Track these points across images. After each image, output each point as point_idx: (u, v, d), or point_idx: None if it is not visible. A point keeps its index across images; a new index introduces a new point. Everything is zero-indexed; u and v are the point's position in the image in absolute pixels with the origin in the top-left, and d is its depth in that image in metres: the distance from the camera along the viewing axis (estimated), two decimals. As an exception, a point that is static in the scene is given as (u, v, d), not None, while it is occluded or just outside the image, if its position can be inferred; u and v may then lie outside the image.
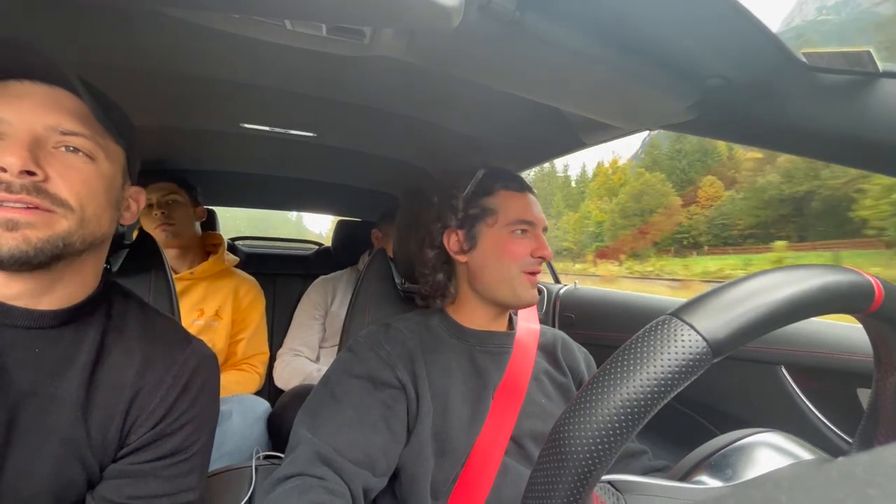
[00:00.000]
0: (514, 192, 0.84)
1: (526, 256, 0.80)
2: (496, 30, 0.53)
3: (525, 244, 0.81)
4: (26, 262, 0.47)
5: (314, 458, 0.61)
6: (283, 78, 0.88)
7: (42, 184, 0.48)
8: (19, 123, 0.48)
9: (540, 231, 0.83)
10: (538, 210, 0.85)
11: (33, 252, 0.47)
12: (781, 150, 0.70)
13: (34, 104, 0.49)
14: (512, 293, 0.80)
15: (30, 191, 0.47)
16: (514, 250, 0.80)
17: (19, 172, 0.46)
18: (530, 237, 0.82)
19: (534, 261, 0.81)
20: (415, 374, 0.74)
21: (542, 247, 0.81)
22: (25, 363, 0.51)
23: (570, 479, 0.27)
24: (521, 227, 0.81)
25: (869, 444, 0.40)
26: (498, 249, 0.81)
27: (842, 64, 0.54)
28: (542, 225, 0.84)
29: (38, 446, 0.51)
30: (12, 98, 0.49)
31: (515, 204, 0.83)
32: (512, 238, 0.81)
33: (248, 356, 1.49)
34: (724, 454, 0.38)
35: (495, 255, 0.82)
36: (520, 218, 0.82)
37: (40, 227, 0.47)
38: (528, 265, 0.80)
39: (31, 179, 0.47)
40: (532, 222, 0.82)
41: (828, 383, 0.90)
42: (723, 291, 0.30)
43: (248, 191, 1.92)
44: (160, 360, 0.59)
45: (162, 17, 0.57)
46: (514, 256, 0.80)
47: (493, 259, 0.82)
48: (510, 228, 0.81)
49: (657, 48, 0.59)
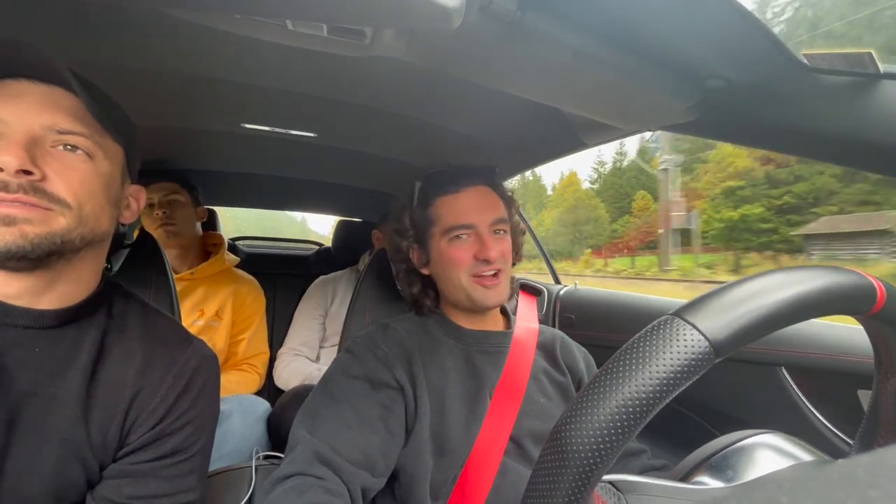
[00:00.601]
0: (449, 197, 0.81)
1: (469, 261, 0.77)
2: (497, 30, 0.53)
3: (465, 249, 0.78)
4: (23, 256, 0.47)
5: (313, 458, 0.61)
6: (283, 78, 0.88)
7: (39, 183, 0.48)
8: (16, 123, 0.48)
9: (483, 230, 0.78)
10: (479, 207, 0.80)
11: (30, 247, 0.47)
12: (782, 152, 0.70)
13: (31, 103, 0.49)
14: (468, 299, 0.79)
15: (27, 190, 0.47)
16: (455, 258, 0.78)
17: (16, 172, 0.46)
18: (471, 240, 0.78)
19: (478, 263, 0.77)
20: (413, 374, 0.74)
21: (483, 248, 0.76)
22: (26, 363, 0.51)
23: (571, 479, 0.27)
24: (456, 232, 0.79)
25: (869, 446, 0.40)
26: (442, 260, 0.81)
27: (843, 65, 0.54)
28: (485, 223, 0.79)
29: (38, 446, 0.51)
30: (9, 97, 0.49)
31: (448, 210, 0.81)
32: (451, 246, 0.79)
33: (249, 356, 1.49)
34: (724, 455, 0.38)
35: (442, 266, 0.81)
36: (452, 224, 0.79)
37: (37, 224, 0.47)
38: (474, 269, 0.77)
39: (28, 178, 0.47)
40: (467, 225, 0.78)
41: (828, 385, 0.90)
42: (725, 291, 0.30)
43: (248, 191, 1.92)
44: (161, 360, 0.59)
45: (163, 17, 0.57)
46: (457, 264, 0.78)
47: (441, 270, 0.81)
48: (448, 237, 0.79)
49: (658, 49, 0.59)
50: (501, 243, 0.80)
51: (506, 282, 0.80)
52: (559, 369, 0.84)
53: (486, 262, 0.77)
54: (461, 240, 0.79)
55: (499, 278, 0.78)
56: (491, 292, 0.78)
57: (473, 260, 0.77)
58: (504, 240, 0.81)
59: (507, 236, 0.82)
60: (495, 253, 0.77)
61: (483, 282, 0.77)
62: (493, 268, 0.78)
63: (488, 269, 0.77)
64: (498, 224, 0.80)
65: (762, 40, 0.54)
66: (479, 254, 0.77)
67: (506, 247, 0.80)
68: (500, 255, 0.78)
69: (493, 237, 0.79)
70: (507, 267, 0.80)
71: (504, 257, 0.79)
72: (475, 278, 0.78)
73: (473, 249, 0.78)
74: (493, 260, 0.77)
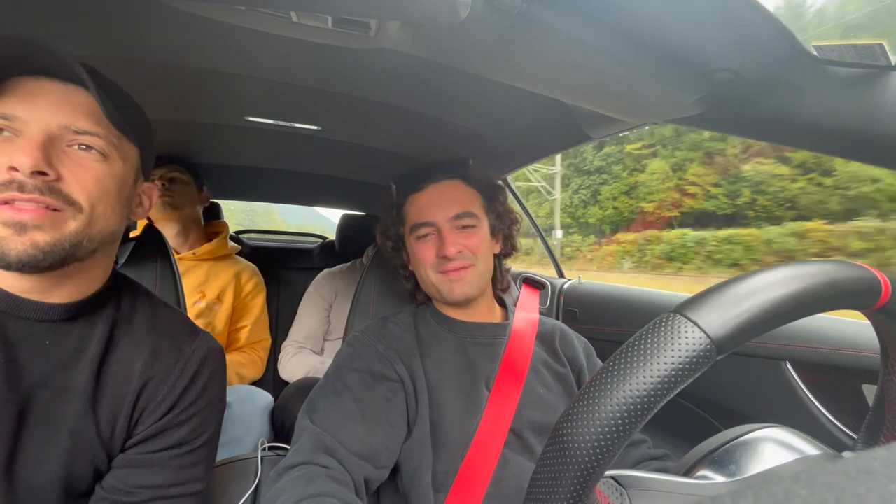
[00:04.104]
0: (415, 195, 0.82)
1: (433, 258, 0.78)
2: (503, 22, 0.52)
3: (429, 247, 0.79)
4: (35, 265, 0.47)
5: (318, 447, 0.62)
6: (288, 71, 0.88)
7: (54, 183, 0.48)
8: (33, 122, 0.48)
9: (443, 226, 0.78)
10: (440, 204, 0.80)
11: (42, 256, 0.47)
12: (791, 146, 0.69)
13: (48, 102, 0.49)
14: (439, 294, 0.80)
15: (42, 191, 0.47)
16: (421, 255, 0.80)
17: (31, 173, 0.46)
18: (433, 237, 0.79)
19: (440, 261, 0.78)
20: (411, 367, 0.75)
21: (443, 244, 0.77)
22: (36, 355, 0.52)
23: (574, 475, 0.27)
24: (419, 231, 0.80)
25: (874, 440, 0.40)
26: (414, 258, 0.83)
27: (853, 57, 0.53)
28: (445, 218, 0.78)
29: (48, 437, 0.52)
30: (27, 95, 0.49)
31: (413, 208, 0.82)
32: (417, 244, 0.80)
33: (252, 342, 1.52)
34: (727, 449, 0.38)
35: (414, 264, 0.83)
36: (415, 222, 0.81)
37: (47, 230, 0.48)
38: (438, 266, 0.78)
39: (44, 179, 0.47)
40: (427, 222, 0.79)
41: (833, 379, 0.90)
42: (727, 287, 0.30)
43: (252, 184, 1.92)
44: (168, 351, 0.59)
45: (167, 9, 0.57)
46: (423, 261, 0.79)
47: (415, 267, 0.84)
48: (414, 235, 0.81)
49: (665, 41, 0.58)
50: (467, 238, 0.79)
51: (475, 275, 0.79)
52: (559, 360, 0.84)
53: (446, 259, 0.77)
54: (425, 237, 0.80)
55: (463, 272, 0.78)
56: (456, 286, 0.78)
57: (436, 257, 0.78)
58: (471, 234, 0.80)
59: (476, 230, 0.81)
60: (454, 249, 0.77)
61: (448, 276, 0.78)
62: (455, 264, 0.77)
63: (450, 265, 0.77)
64: (462, 218, 0.79)
65: (771, 31, 0.53)
66: (439, 250, 0.78)
67: (473, 241, 0.79)
68: (465, 250, 0.78)
69: (456, 233, 0.79)
70: (478, 261, 0.80)
71: (471, 251, 0.79)
72: (441, 274, 0.78)
73: (436, 246, 0.78)
74: (451, 256, 0.76)
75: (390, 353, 0.75)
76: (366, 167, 1.62)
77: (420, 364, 0.75)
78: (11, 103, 0.48)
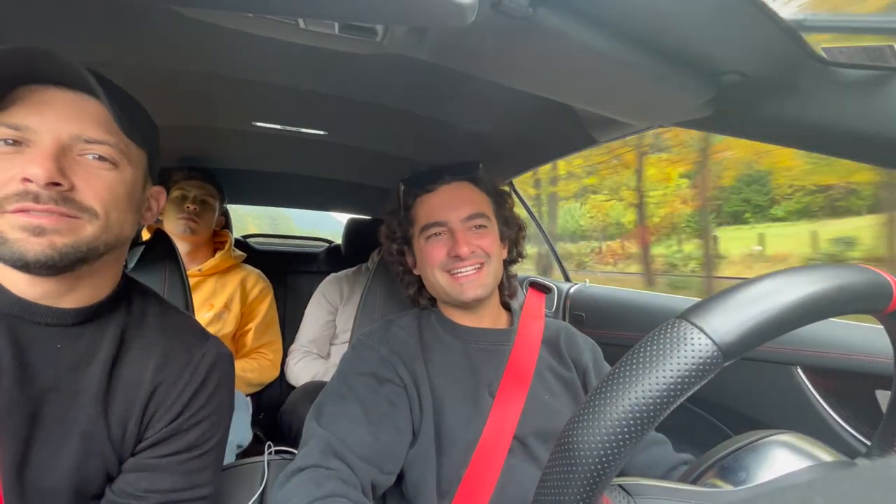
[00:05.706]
0: (425, 195, 0.82)
1: (443, 258, 0.78)
2: (509, 26, 0.52)
3: (440, 247, 0.78)
4: (52, 266, 0.48)
5: (327, 450, 0.62)
6: (295, 76, 0.89)
7: (68, 193, 0.48)
8: (44, 132, 0.48)
9: (456, 226, 0.78)
10: (452, 204, 0.79)
11: (58, 256, 0.48)
12: (799, 147, 0.68)
13: (59, 112, 0.50)
14: (447, 296, 0.79)
15: (57, 201, 0.47)
16: (431, 256, 0.79)
17: (46, 184, 0.47)
18: (444, 237, 0.78)
19: (452, 260, 0.77)
20: (415, 372, 0.74)
21: (456, 244, 0.76)
22: (48, 359, 0.53)
23: (581, 483, 0.27)
24: (430, 231, 0.79)
25: (888, 447, 0.39)
26: (422, 259, 0.81)
27: (862, 59, 0.53)
28: (458, 218, 0.78)
29: (60, 440, 0.52)
30: (37, 104, 0.49)
31: (423, 209, 0.81)
32: (427, 245, 0.80)
33: (259, 345, 1.52)
34: (737, 456, 0.37)
35: (422, 265, 0.82)
36: (426, 223, 0.80)
37: (66, 233, 0.48)
38: (448, 266, 0.77)
39: (57, 189, 0.48)
40: (440, 222, 0.79)
41: (845, 384, 0.88)
42: (734, 293, 0.29)
43: (260, 189, 1.93)
44: (178, 356, 0.60)
45: (175, 16, 0.58)
46: (432, 262, 0.79)
47: (422, 269, 0.82)
48: (424, 236, 0.80)
49: (672, 43, 0.58)
50: (480, 238, 0.79)
51: (487, 274, 0.79)
52: (564, 364, 0.82)
53: (458, 259, 0.76)
54: (436, 237, 0.79)
55: (475, 273, 0.78)
56: (466, 286, 0.77)
57: (446, 257, 0.77)
58: (484, 234, 0.80)
59: (488, 231, 0.81)
60: (468, 248, 0.76)
61: (457, 278, 0.77)
62: (467, 263, 0.77)
63: (462, 265, 0.77)
64: (475, 219, 0.79)
65: (778, 33, 0.53)
66: (451, 250, 0.77)
67: (486, 240, 0.79)
68: (478, 249, 0.78)
69: (469, 233, 0.78)
70: (490, 261, 0.79)
71: (485, 251, 0.78)
72: (450, 274, 0.78)
73: (447, 246, 0.78)
74: (464, 256, 0.76)
75: (393, 357, 0.75)
76: (372, 171, 1.63)
77: (424, 368, 0.75)
78: (22, 113, 0.48)
